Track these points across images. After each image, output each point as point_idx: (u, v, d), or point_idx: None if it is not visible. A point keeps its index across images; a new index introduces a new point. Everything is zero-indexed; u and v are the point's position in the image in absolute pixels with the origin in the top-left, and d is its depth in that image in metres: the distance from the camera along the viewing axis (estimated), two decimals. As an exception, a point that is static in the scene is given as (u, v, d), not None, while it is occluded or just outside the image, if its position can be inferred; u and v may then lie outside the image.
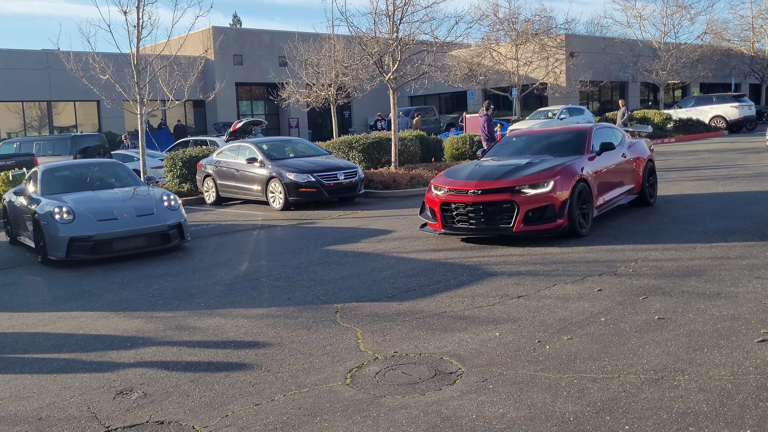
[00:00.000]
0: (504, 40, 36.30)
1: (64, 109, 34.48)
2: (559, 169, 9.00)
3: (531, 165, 9.34)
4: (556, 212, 8.74)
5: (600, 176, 9.67)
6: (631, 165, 10.75)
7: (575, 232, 8.95)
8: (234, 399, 4.56)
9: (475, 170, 9.53)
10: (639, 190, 10.97)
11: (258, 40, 39.53)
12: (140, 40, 15.86)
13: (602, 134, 10.54)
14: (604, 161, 9.95)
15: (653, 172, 11.48)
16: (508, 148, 10.91)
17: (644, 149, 11.50)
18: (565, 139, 10.52)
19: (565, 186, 8.79)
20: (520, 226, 8.73)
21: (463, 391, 4.41)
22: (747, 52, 44.75)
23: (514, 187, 8.82)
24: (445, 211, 9.28)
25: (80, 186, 11.18)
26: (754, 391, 4.11)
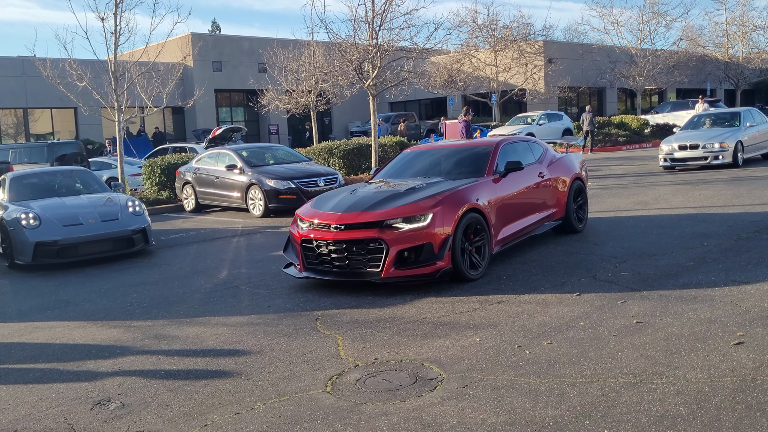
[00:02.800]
0: (483, 46, 36.55)
1: (41, 116, 34.11)
2: (442, 198, 7.34)
3: (413, 191, 7.68)
4: (435, 253, 7.03)
5: (504, 203, 8.09)
6: (551, 186, 9.20)
7: (461, 277, 7.26)
8: (213, 408, 4.52)
9: (345, 198, 7.85)
10: (563, 215, 9.41)
11: (237, 46, 39.42)
12: (118, 47, 15.76)
13: (510, 151, 8.94)
14: (511, 184, 8.37)
15: (582, 192, 9.90)
16: (402, 168, 9.19)
17: (570, 166, 9.85)
18: (466, 158, 8.92)
19: (447, 219, 7.14)
20: (390, 271, 7.00)
21: (443, 397, 4.41)
22: (722, 58, 45.41)
23: (383, 221, 7.12)
24: (306, 250, 7.57)
25: (47, 193, 11.57)
26: (730, 393, 4.15)
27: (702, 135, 17.57)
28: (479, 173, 8.29)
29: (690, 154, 17.08)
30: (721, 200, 11.85)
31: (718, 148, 16.81)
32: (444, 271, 7.09)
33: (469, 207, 7.42)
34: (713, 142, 16.93)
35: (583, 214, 9.98)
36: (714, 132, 17.68)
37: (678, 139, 17.72)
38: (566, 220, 9.48)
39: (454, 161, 8.96)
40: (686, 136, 17.83)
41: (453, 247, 7.14)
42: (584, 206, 10.00)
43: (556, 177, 9.34)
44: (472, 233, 7.48)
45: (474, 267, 7.45)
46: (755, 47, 46.67)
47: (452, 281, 7.27)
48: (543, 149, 9.68)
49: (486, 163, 8.45)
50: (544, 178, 9.09)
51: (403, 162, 9.38)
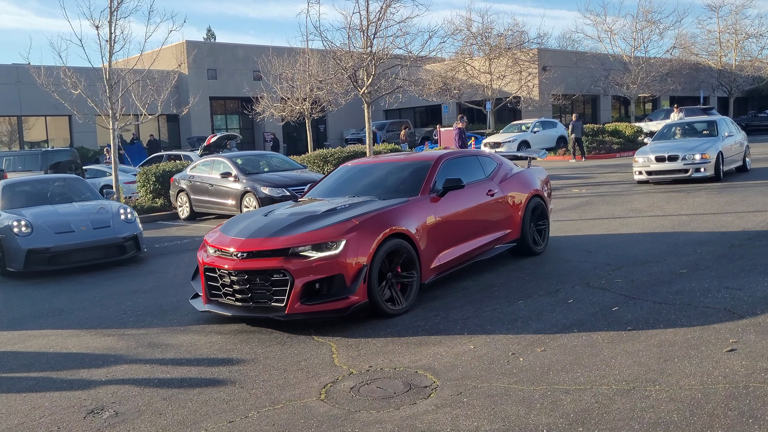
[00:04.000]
0: (477, 54, 36.67)
1: (35, 123, 34.05)
2: (359, 222, 6.47)
3: (332, 214, 6.82)
4: (347, 285, 6.18)
5: (442, 225, 7.27)
6: (503, 204, 8.36)
7: (380, 312, 6.40)
8: (207, 416, 4.51)
9: (256, 221, 7.03)
10: (518, 236, 8.57)
11: (232, 54, 39.46)
12: (113, 55, 15.75)
13: (455, 167, 8.12)
14: (452, 204, 7.54)
15: (542, 210, 9.03)
16: (336, 184, 8.35)
17: (528, 182, 8.97)
18: (403, 175, 8.04)
19: (363, 246, 6.28)
20: (296, 306, 6.14)
21: (437, 405, 4.41)
22: (715, 66, 45.68)
23: (288, 248, 6.27)
24: (209, 279, 6.81)
25: (40, 200, 11.65)
26: (723, 400, 4.17)
27: (680, 145, 16.09)
28: (414, 192, 7.43)
29: (668, 166, 15.56)
30: (715, 207, 11.90)
31: (699, 159, 15.28)
32: (357, 307, 6.23)
33: (393, 232, 6.56)
34: (694, 153, 15.39)
35: (543, 235, 9.07)
36: (693, 142, 16.23)
37: (654, 150, 16.11)
38: (522, 241, 8.63)
39: (390, 178, 8.10)
40: (663, 146, 16.28)
41: (369, 278, 6.27)
42: (545, 228, 9.12)
43: (510, 195, 8.51)
44: (397, 261, 6.65)
45: (395, 302, 6.57)
46: (748, 55, 46.98)
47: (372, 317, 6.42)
48: (496, 164, 8.84)
49: (422, 181, 7.58)
50: (495, 196, 8.26)
51: (338, 178, 8.50)
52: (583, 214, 12.41)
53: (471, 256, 7.76)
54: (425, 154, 8.81)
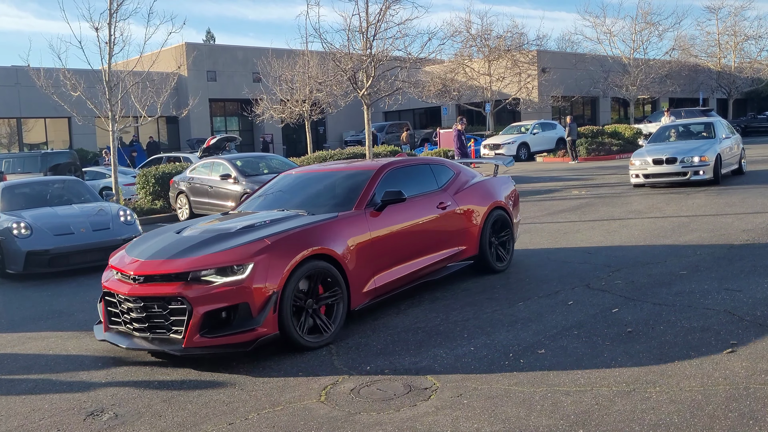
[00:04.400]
0: (477, 55, 36.70)
1: (35, 125, 34.05)
2: (271, 242, 5.71)
3: (248, 231, 6.07)
4: (254, 316, 5.44)
5: (380, 243, 6.52)
6: (458, 218, 7.60)
7: (294, 345, 5.66)
8: (207, 418, 4.51)
9: (164, 239, 6.30)
10: (476, 253, 7.82)
11: (232, 56, 39.47)
12: (112, 57, 15.76)
13: (401, 177, 7.37)
14: (393, 219, 6.79)
15: (505, 224, 8.25)
16: (271, 195, 7.63)
17: (489, 193, 8.17)
18: (339, 186, 7.32)
19: (274, 270, 5.53)
20: (195, 339, 5.38)
21: (437, 407, 4.41)
22: (714, 68, 45.74)
23: (188, 272, 5.52)
24: (109, 305, 6.09)
25: (40, 202, 11.65)
26: (723, 401, 4.17)
27: (678, 148, 15.59)
28: (348, 206, 6.68)
29: (666, 169, 15.10)
30: (714, 209, 11.90)
31: (698, 162, 14.83)
32: (265, 340, 5.49)
33: (313, 253, 5.82)
34: (692, 156, 14.91)
35: (507, 250, 8.29)
36: (690, 144, 15.80)
37: (651, 152, 15.61)
38: (481, 258, 7.89)
39: (327, 190, 7.38)
40: (660, 149, 15.80)
41: (281, 307, 5.51)
42: (509, 242, 8.32)
43: (467, 207, 7.74)
44: (321, 285, 5.92)
45: (316, 331, 5.82)
46: (747, 57, 47.07)
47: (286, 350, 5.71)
48: (453, 173, 8.05)
49: (358, 194, 6.82)
50: (447, 209, 7.48)
51: (275, 188, 7.76)
52: (582, 215, 12.42)
53: (417, 276, 7.00)
54: (368, 164, 7.95)
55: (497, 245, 8.18)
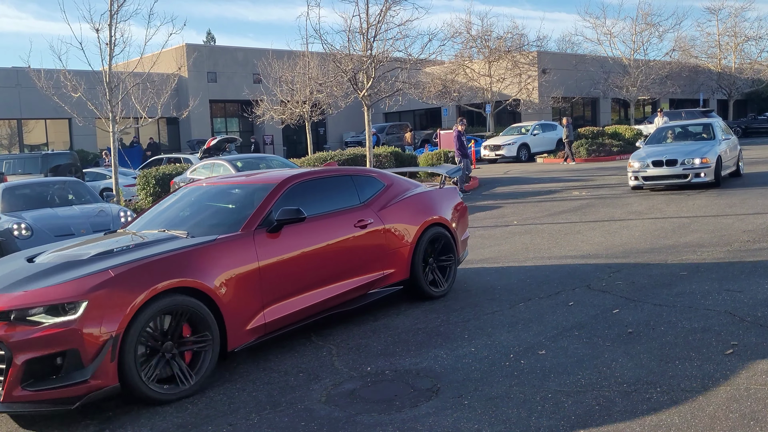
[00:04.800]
0: (477, 57, 36.72)
1: (35, 127, 34.06)
2: (114, 274, 4.75)
3: (101, 258, 5.12)
4: (85, 365, 4.50)
5: (273, 271, 5.57)
6: (383, 237, 6.62)
7: (141, 397, 4.75)
8: (208, 419, 4.51)
9: (8, 266, 5.48)
10: (406, 277, 6.85)
11: (232, 57, 39.49)
12: (113, 58, 15.75)
13: (312, 191, 6.43)
14: (292, 242, 5.81)
15: (446, 243, 7.26)
16: (165, 211, 6.65)
17: (427, 207, 7.22)
18: (236, 201, 6.41)
19: (114, 309, 4.58)
20: (15, 393, 4.43)
21: (438, 408, 4.41)
22: (714, 69, 45.75)
23: (10, 311, 4.57)
24: None
25: (40, 203, 11.66)
26: (724, 402, 4.17)
27: (677, 149, 15.17)
28: (235, 226, 5.72)
29: (666, 171, 14.65)
30: (714, 210, 11.90)
31: (699, 164, 14.41)
32: (100, 394, 4.55)
33: (172, 286, 4.86)
34: (693, 158, 14.50)
35: (447, 273, 7.33)
36: (690, 146, 15.38)
37: (650, 154, 15.19)
38: (412, 283, 6.93)
39: (220, 207, 6.48)
40: (659, 150, 15.38)
41: (122, 353, 4.58)
42: (450, 267, 7.36)
43: (396, 225, 6.78)
44: (187, 324, 5.00)
45: (173, 380, 4.88)
46: (747, 58, 47.07)
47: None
48: (382, 185, 7.09)
49: (250, 212, 5.85)
50: (369, 227, 6.52)
51: (173, 202, 6.80)
52: (583, 216, 12.42)
53: (326, 306, 6.04)
54: (272, 176, 6.74)
55: (436, 267, 7.21)
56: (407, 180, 7.71)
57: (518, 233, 11.06)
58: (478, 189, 18.95)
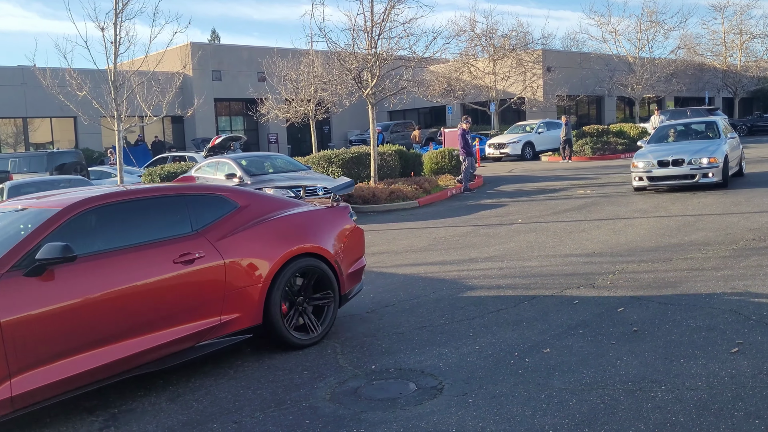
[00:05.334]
0: (482, 55, 36.68)
1: (40, 125, 34.15)
2: None
3: None
4: None
5: (22, 328, 4.29)
6: (221, 274, 5.33)
7: None
8: (214, 417, 4.52)
9: None
10: (260, 322, 5.53)
11: (236, 55, 39.51)
12: (118, 56, 15.78)
13: (108, 219, 5.15)
14: (71, 286, 4.59)
15: (322, 277, 5.93)
16: None
17: (298, 233, 5.89)
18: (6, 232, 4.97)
19: None
20: None
21: (443, 406, 4.41)
22: (720, 67, 45.60)
23: None
24: None
25: None
26: (729, 401, 4.16)
27: (683, 148, 14.64)
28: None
29: (673, 171, 14.12)
30: (720, 208, 11.87)
31: (707, 164, 13.90)
32: None
33: None
34: (700, 157, 13.98)
35: (324, 315, 5.98)
36: (696, 144, 14.87)
37: (655, 153, 14.64)
38: (268, 329, 5.60)
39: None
40: (664, 150, 14.82)
41: None
42: (328, 301, 6.00)
43: (242, 258, 5.49)
44: None
45: None
46: (753, 56, 46.90)
47: None
48: (232, 207, 5.78)
49: (8, 248, 4.57)
50: (196, 263, 5.23)
51: None
52: (587, 214, 12.40)
53: (123, 367, 4.78)
54: (61, 199, 5.24)
55: (307, 309, 5.88)
56: (279, 199, 6.30)
57: (523, 231, 11.05)
58: (483, 187, 18.94)
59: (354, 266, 6.43)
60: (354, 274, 6.43)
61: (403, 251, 10.05)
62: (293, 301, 5.82)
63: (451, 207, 15.17)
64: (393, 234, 11.86)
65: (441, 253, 9.71)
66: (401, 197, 16.03)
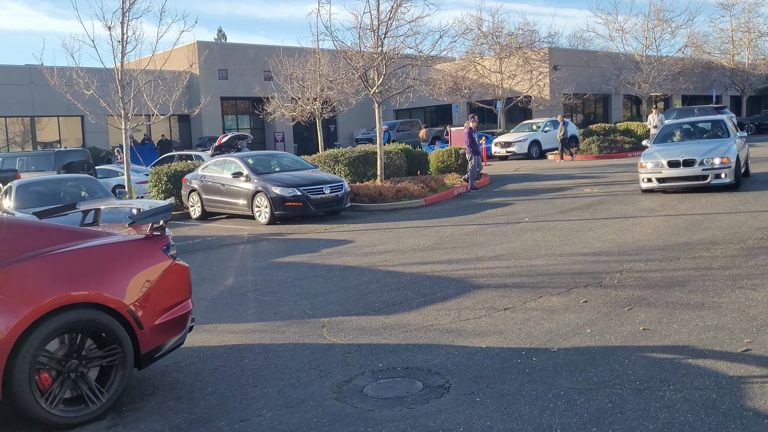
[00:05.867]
0: (488, 53, 36.60)
1: (48, 124, 34.26)
2: None
3: None
4: None
5: None
6: None
7: None
8: (221, 415, 4.53)
9: None
10: (1, 396, 4.20)
11: (243, 54, 39.54)
12: (125, 55, 15.83)
13: None
14: None
15: (104, 334, 4.58)
16: None
17: (62, 277, 4.48)
18: None
19: None
20: None
21: (450, 405, 4.41)
22: (727, 65, 45.39)
23: None
24: None
25: (53, 201, 11.63)
26: (738, 400, 4.14)
27: (693, 148, 14.04)
28: None
29: (684, 172, 13.52)
30: (728, 207, 11.82)
31: (719, 164, 13.32)
32: None
33: None
34: (712, 157, 13.41)
35: (109, 380, 4.64)
36: (706, 144, 14.31)
37: (663, 153, 14.05)
38: (14, 404, 4.28)
39: None
40: (673, 150, 14.24)
41: None
42: (115, 361, 4.63)
43: None
44: None
45: None
46: (761, 54, 46.65)
47: None
48: None
49: None
50: None
51: None
52: (594, 213, 12.36)
53: None
54: None
55: (83, 375, 4.50)
56: (60, 229, 4.87)
57: (530, 230, 11.03)
58: (489, 186, 18.90)
59: (168, 315, 4.93)
60: (168, 325, 4.94)
61: (410, 250, 10.04)
62: (62, 368, 4.42)
63: (457, 206, 15.15)
64: (399, 232, 11.85)
65: (448, 252, 9.69)
66: (408, 196, 16.01)
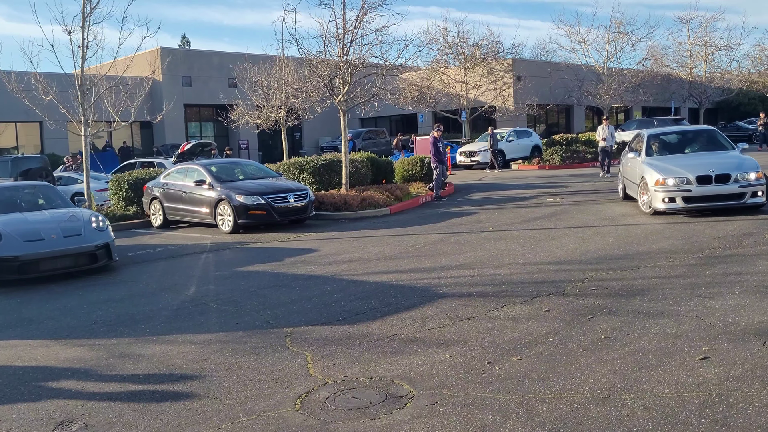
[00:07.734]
0: (453, 63, 36.85)
1: (5, 130, 33.47)
2: None
3: None
4: None
5: None
6: None
7: None
8: (180, 428, 4.43)
9: None
10: None
11: (207, 61, 39.21)
12: (85, 61, 15.54)
13: None
14: None
15: None
16: None
17: None
18: None
19: None
20: None
21: (413, 415, 4.39)
22: (685, 78, 46.40)
23: None
24: None
25: (9, 208, 11.37)
26: (697, 408, 4.20)
27: (712, 162, 11.94)
28: None
29: (718, 190, 11.37)
30: (686, 216, 12.03)
31: (754, 180, 11.35)
32: None
33: None
34: (746, 172, 11.41)
35: None
36: (717, 157, 12.40)
37: (683, 167, 11.80)
38: None
39: None
40: (688, 164, 12.06)
41: None
42: None
43: None
44: None
45: None
46: (717, 67, 47.80)
47: None
48: None
49: None
50: None
51: None
52: (557, 222, 12.49)
53: None
54: None
55: None
56: None
57: (493, 239, 11.09)
58: (454, 195, 19.00)
59: None
60: None
61: (375, 258, 10.02)
62: None
63: (422, 214, 15.19)
64: (364, 241, 11.83)
65: (412, 261, 9.70)
66: (373, 204, 16.00)
